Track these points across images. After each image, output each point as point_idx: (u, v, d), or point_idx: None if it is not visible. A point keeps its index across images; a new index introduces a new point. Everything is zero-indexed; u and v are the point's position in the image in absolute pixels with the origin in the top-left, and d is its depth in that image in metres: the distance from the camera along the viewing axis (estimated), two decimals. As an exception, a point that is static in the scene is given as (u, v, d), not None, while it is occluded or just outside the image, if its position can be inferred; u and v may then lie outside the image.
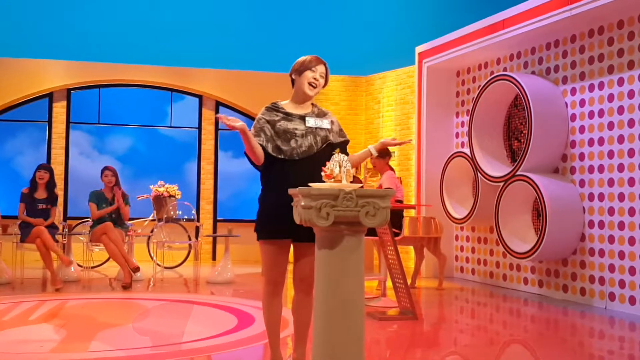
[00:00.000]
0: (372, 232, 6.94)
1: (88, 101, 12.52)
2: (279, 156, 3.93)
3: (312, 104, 4.12)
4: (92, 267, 10.54)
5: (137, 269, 8.67)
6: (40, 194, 8.81)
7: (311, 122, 4.03)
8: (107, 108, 12.59)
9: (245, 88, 12.76)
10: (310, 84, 4.01)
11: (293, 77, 4.06)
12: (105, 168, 9.29)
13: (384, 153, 8.25)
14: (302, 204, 3.24)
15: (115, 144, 12.63)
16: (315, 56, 4.07)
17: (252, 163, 4.01)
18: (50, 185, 8.90)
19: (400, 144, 4.22)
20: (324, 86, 4.10)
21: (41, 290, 8.40)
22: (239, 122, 3.64)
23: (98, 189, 9.22)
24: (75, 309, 6.96)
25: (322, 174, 3.38)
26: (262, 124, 3.98)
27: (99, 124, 12.52)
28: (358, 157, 4.19)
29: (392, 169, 8.57)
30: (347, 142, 4.14)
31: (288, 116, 4.01)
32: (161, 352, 5.19)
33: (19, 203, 8.79)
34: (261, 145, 3.92)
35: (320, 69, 4.02)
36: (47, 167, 8.99)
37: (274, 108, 4.04)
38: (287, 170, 3.90)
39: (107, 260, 10.73)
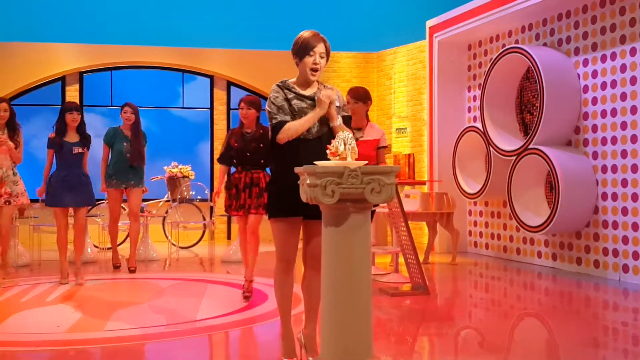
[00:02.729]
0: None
1: (100, 84, 12.57)
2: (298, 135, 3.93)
3: (318, 81, 4.11)
4: (109, 248, 10.63)
5: (118, 265, 8.56)
6: (72, 137, 7.52)
7: None
8: (119, 90, 12.64)
9: (256, 67, 12.75)
10: (311, 69, 4.00)
11: (294, 59, 4.05)
12: (125, 104, 8.45)
13: (364, 97, 6.45)
14: (308, 182, 3.26)
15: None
16: (313, 34, 4.00)
17: (274, 142, 4.00)
18: (82, 127, 7.63)
19: None
20: (327, 60, 4.08)
21: (58, 272, 8.49)
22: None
23: (115, 126, 8.53)
24: (92, 290, 7.04)
25: (327, 151, 3.40)
26: (280, 102, 3.96)
27: (112, 106, 12.57)
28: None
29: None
30: (348, 117, 4.14)
31: (299, 96, 4.01)
32: (176, 330, 5.25)
33: (46, 150, 7.60)
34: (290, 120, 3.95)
35: (320, 49, 3.97)
36: (78, 107, 7.69)
37: (285, 87, 4.03)
38: (301, 149, 3.90)
39: (124, 240, 10.82)
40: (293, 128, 3.91)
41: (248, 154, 6.42)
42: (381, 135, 6.33)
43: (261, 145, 6.39)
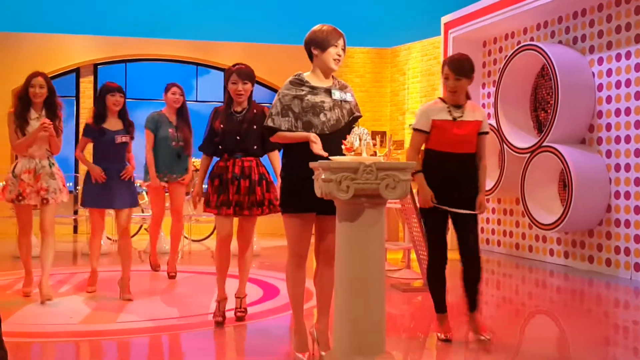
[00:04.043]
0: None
1: (115, 76, 12.59)
2: (310, 131, 3.94)
3: (332, 76, 4.13)
4: (121, 240, 10.67)
5: (158, 269, 7.66)
6: (113, 123, 6.30)
7: (337, 95, 4.05)
8: (133, 82, 12.68)
9: (270, 61, 12.75)
10: (335, 60, 4.03)
11: (314, 51, 4.05)
12: (173, 84, 7.36)
13: (468, 71, 4.69)
14: (323, 177, 3.27)
15: (142, 118, 12.61)
16: (333, 27, 4.05)
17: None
18: (124, 112, 6.43)
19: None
20: (343, 55, 4.12)
21: (71, 262, 8.55)
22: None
23: (157, 110, 7.46)
24: (105, 282, 7.06)
25: (342, 147, 3.41)
26: (288, 101, 3.98)
27: (126, 98, 12.60)
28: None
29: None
30: (358, 117, 4.16)
31: (314, 90, 4.01)
32: (188, 323, 5.29)
33: (80, 138, 6.50)
34: (288, 127, 3.96)
35: (341, 42, 4.03)
36: (121, 88, 6.43)
37: (299, 82, 4.03)
38: (296, 141, 3.92)
39: (137, 233, 10.86)
40: (284, 138, 4.00)
41: (238, 138, 5.06)
42: (484, 117, 4.79)
43: (255, 127, 5.07)
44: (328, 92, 4.03)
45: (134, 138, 6.45)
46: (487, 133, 4.77)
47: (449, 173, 4.59)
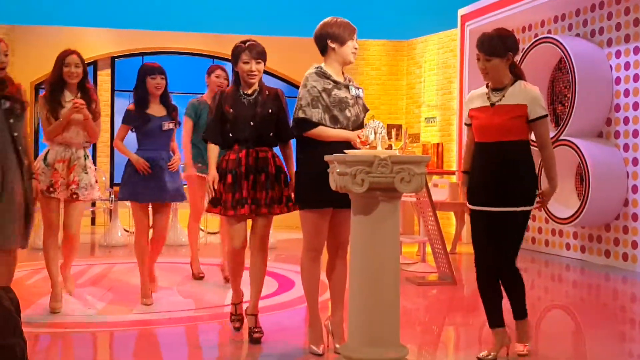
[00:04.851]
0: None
1: (132, 69, 12.61)
2: (336, 126, 3.95)
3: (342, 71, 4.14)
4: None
5: (202, 276, 6.87)
6: (156, 109, 5.58)
7: (353, 90, 4.07)
8: (150, 75, 12.70)
9: (285, 55, 12.73)
10: (353, 53, 4.04)
11: (331, 44, 4.04)
12: (217, 66, 6.72)
13: (501, 49, 4.12)
14: (338, 170, 3.28)
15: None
16: (347, 21, 4.06)
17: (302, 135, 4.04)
18: (166, 96, 5.68)
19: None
20: None
21: (89, 254, 8.60)
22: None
23: (197, 98, 6.73)
24: (121, 273, 7.13)
25: (357, 140, 3.42)
26: (317, 93, 3.95)
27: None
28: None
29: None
30: (368, 110, 4.18)
31: (337, 84, 4.01)
32: (204, 315, 5.33)
33: (120, 126, 5.75)
34: (319, 118, 3.93)
35: (355, 35, 4.04)
36: (162, 70, 5.66)
37: (323, 74, 4.02)
38: (338, 140, 3.91)
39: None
40: (325, 135, 3.91)
41: (252, 124, 4.36)
42: (530, 100, 4.03)
43: (270, 111, 4.40)
44: (347, 87, 4.03)
45: (179, 124, 5.80)
46: (540, 118, 4.05)
47: (487, 166, 4.06)
